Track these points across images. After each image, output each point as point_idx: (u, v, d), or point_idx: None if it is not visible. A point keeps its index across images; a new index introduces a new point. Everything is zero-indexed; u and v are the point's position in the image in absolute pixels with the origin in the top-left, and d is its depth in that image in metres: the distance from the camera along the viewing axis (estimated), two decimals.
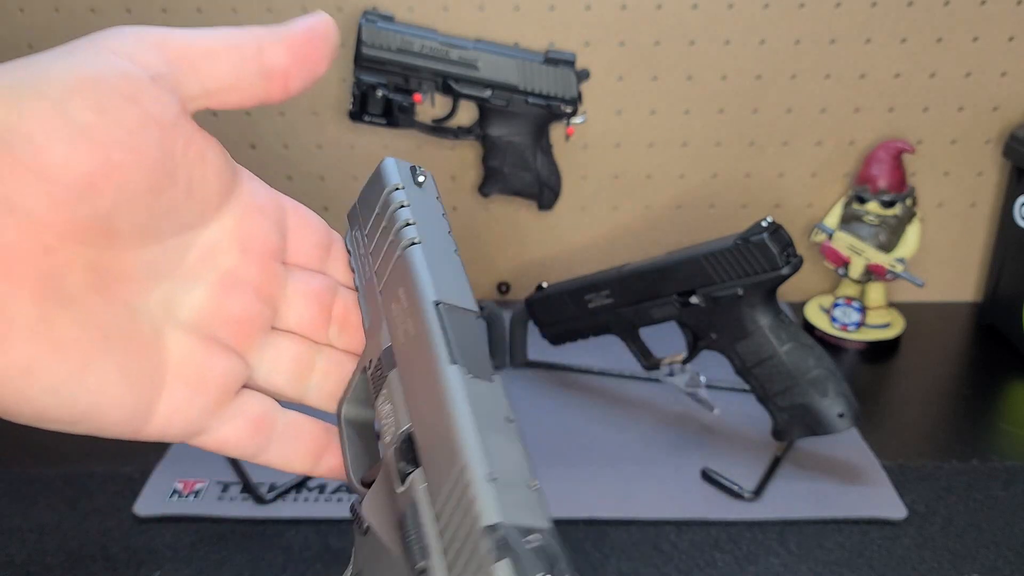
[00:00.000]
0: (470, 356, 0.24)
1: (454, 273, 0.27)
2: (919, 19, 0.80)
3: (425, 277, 0.26)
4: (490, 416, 0.23)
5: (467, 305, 0.26)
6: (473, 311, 0.26)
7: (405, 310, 0.26)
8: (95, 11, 0.80)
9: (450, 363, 0.24)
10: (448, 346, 0.24)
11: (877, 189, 0.82)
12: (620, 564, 0.58)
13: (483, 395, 0.23)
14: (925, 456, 0.68)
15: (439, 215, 0.29)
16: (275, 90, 0.24)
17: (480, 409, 0.23)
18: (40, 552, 0.59)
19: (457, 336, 0.24)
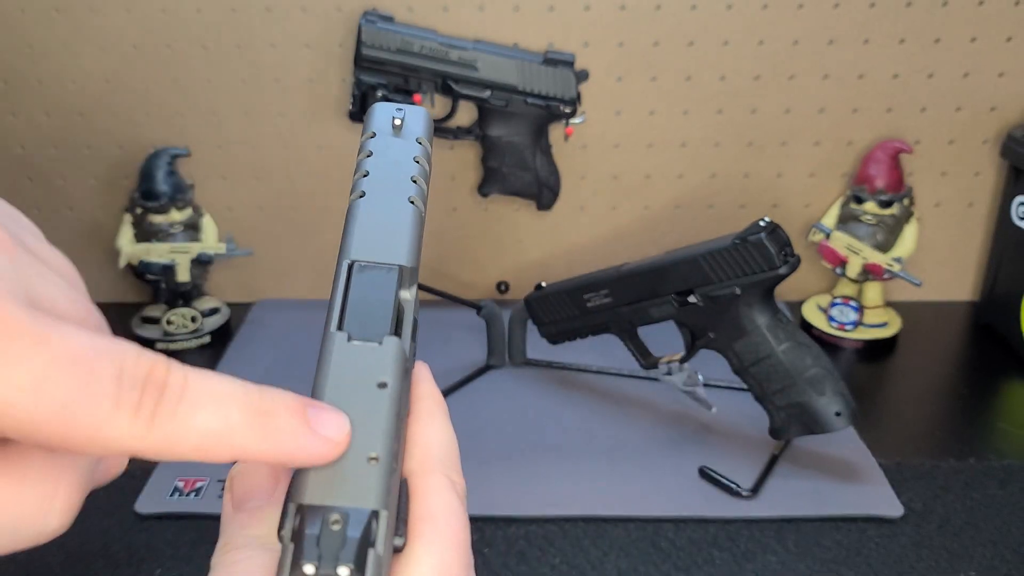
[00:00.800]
0: (360, 318, 0.23)
1: (393, 225, 0.26)
2: (917, 20, 0.80)
3: (351, 235, 0.25)
4: (355, 384, 0.22)
5: (390, 259, 0.25)
6: (394, 264, 0.25)
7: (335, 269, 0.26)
8: (94, 11, 0.81)
9: (336, 328, 0.23)
10: (340, 310, 0.24)
11: (875, 189, 0.82)
12: (618, 562, 0.58)
13: (357, 361, 0.22)
14: (922, 455, 0.68)
15: (408, 160, 0.28)
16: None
17: (345, 377, 0.22)
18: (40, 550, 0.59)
19: (356, 298, 0.24)
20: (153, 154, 0.83)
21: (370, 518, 0.20)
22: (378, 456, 0.21)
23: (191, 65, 0.83)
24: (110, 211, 0.88)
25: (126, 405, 0.18)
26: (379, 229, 0.26)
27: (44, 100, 0.85)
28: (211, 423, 0.19)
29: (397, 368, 0.23)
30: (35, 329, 0.18)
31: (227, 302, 0.91)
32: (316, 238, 0.90)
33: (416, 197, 0.27)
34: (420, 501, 0.23)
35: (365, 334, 0.23)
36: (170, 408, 0.18)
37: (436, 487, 0.23)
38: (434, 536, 0.22)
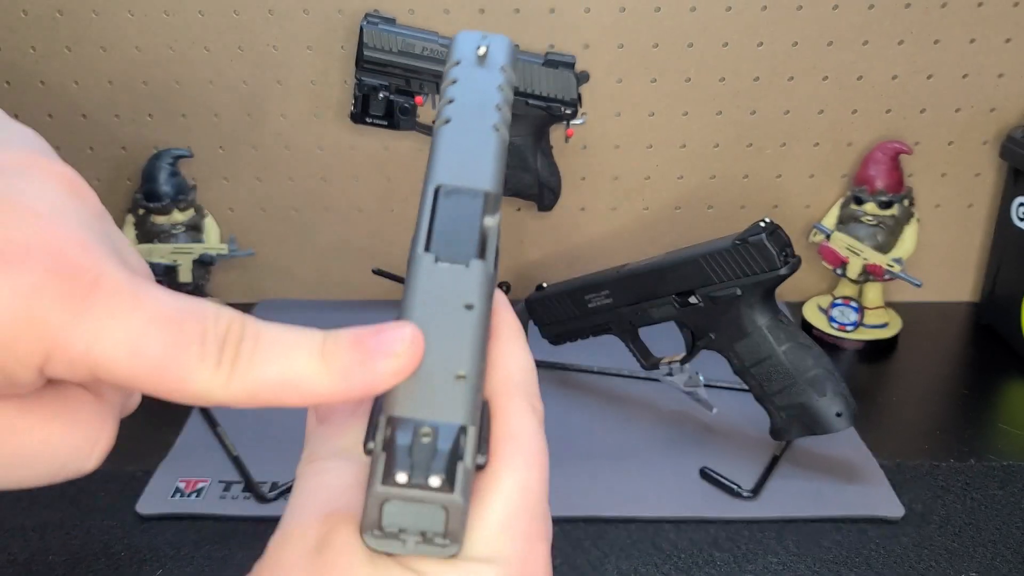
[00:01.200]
0: (448, 241, 0.24)
1: (478, 150, 0.26)
2: (916, 21, 0.80)
3: (437, 159, 0.26)
4: (443, 304, 0.22)
5: (476, 184, 0.25)
6: (480, 190, 0.25)
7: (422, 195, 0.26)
8: (97, 13, 0.81)
9: (423, 250, 0.24)
10: (428, 232, 0.24)
11: (875, 190, 0.82)
12: (619, 562, 0.58)
13: (445, 282, 0.23)
14: (923, 455, 0.69)
15: (492, 88, 0.28)
16: None
17: (432, 297, 0.22)
18: (42, 551, 0.60)
19: (443, 220, 0.24)
20: (155, 155, 0.83)
21: (459, 432, 0.21)
22: (466, 374, 0.21)
23: (193, 67, 0.83)
24: (112, 212, 0.87)
25: (209, 359, 0.20)
26: (464, 154, 0.26)
27: (47, 101, 0.85)
28: (282, 371, 0.20)
29: (483, 291, 0.23)
30: (132, 289, 0.19)
31: (229, 303, 0.90)
32: (319, 239, 0.90)
33: (500, 124, 0.27)
34: (502, 422, 0.23)
35: (452, 256, 0.23)
36: (246, 360, 0.20)
37: (517, 410, 0.24)
38: (516, 456, 0.23)
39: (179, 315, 0.20)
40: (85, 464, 0.22)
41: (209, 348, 0.20)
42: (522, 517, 0.22)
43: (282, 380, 0.20)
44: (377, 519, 0.20)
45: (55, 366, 0.19)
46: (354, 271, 0.90)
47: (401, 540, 0.21)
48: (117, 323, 0.19)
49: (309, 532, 0.22)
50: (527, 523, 0.22)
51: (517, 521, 0.22)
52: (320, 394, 0.20)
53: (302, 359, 0.20)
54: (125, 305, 0.19)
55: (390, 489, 0.20)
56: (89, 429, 0.22)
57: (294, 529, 0.22)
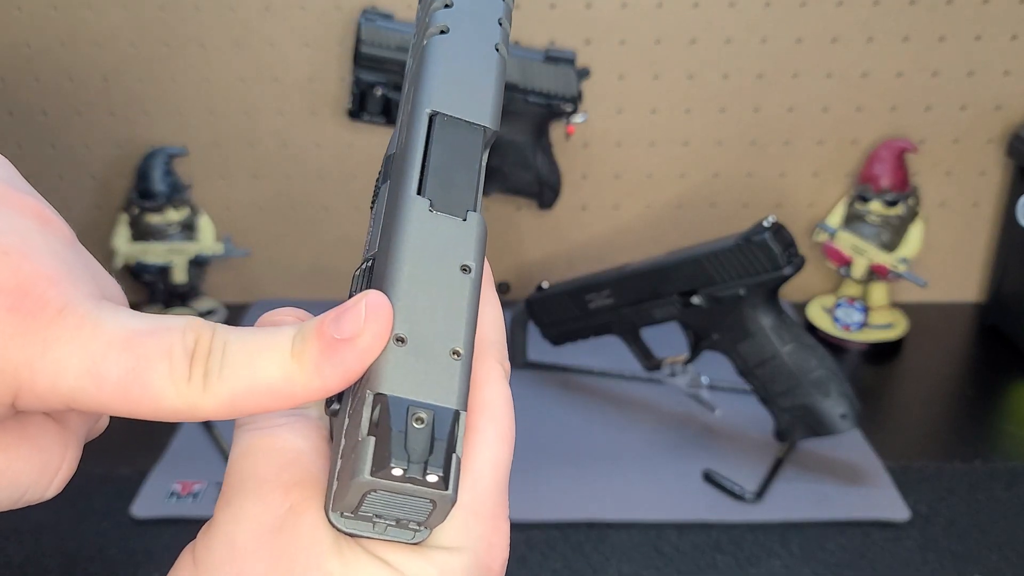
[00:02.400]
0: (445, 185, 0.21)
1: (479, 74, 0.22)
2: (921, 18, 0.80)
3: (431, 77, 0.22)
4: (438, 264, 0.20)
5: (475, 118, 0.22)
6: (480, 125, 0.22)
7: (409, 114, 0.22)
8: (91, 9, 0.80)
9: (415, 193, 0.21)
10: (421, 172, 0.21)
11: (880, 188, 0.82)
12: (621, 566, 0.57)
13: (440, 237, 0.20)
14: (928, 457, 0.68)
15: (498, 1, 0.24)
16: None
17: (426, 255, 0.20)
18: (38, 553, 0.59)
19: (439, 159, 0.21)
20: (150, 153, 0.82)
21: (455, 419, 0.19)
22: (461, 351, 0.19)
23: (189, 63, 0.82)
24: (106, 211, 0.87)
25: (179, 376, 0.19)
26: (464, 77, 0.22)
27: (41, 98, 0.84)
28: (253, 378, 0.19)
29: (480, 251, 0.20)
30: (95, 315, 0.19)
31: (224, 303, 0.90)
32: (315, 238, 0.90)
33: (502, 44, 0.24)
34: (476, 391, 0.22)
35: (449, 206, 0.20)
36: (216, 372, 0.19)
37: (492, 376, 0.22)
38: (488, 428, 0.22)
39: (140, 335, 0.19)
40: (45, 492, 0.21)
41: (177, 365, 0.19)
42: (491, 496, 0.21)
43: (255, 387, 0.19)
44: (355, 505, 0.19)
45: (25, 401, 0.19)
46: (350, 271, 0.89)
47: (372, 523, 0.19)
48: (77, 352, 0.19)
49: (268, 507, 0.21)
50: (495, 502, 0.21)
51: (486, 501, 0.21)
52: (299, 395, 0.19)
53: (273, 362, 0.19)
54: (85, 333, 0.19)
55: (380, 480, 0.18)
56: (51, 457, 0.21)
57: (247, 502, 0.21)
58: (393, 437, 0.18)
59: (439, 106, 0.22)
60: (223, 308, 0.89)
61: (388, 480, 0.18)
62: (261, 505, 0.21)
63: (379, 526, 0.19)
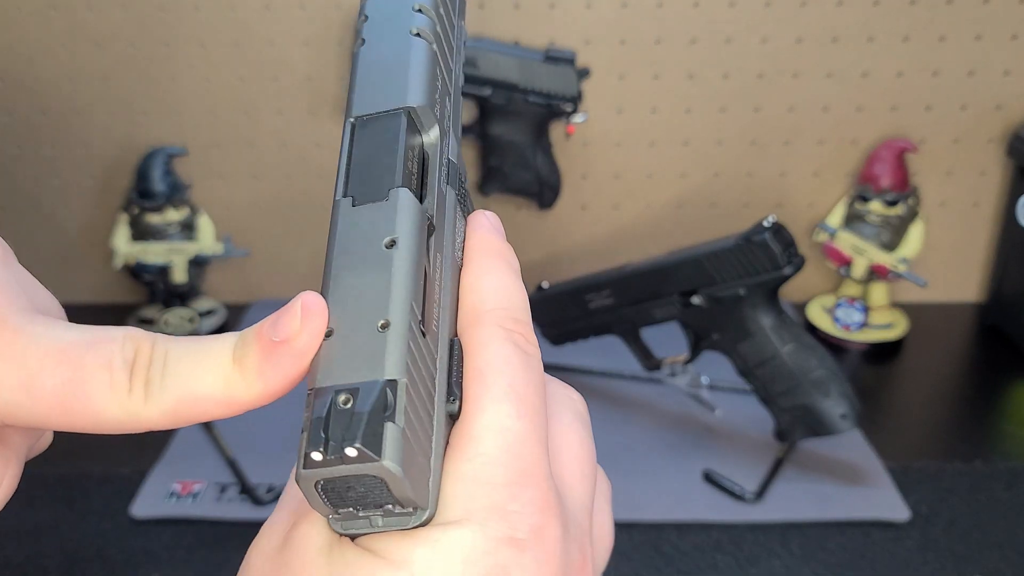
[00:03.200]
0: (364, 179, 0.21)
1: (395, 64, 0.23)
2: (922, 17, 0.79)
3: (352, 90, 0.23)
4: (362, 248, 0.20)
5: (395, 103, 0.22)
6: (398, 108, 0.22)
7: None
8: (91, 9, 0.80)
9: (342, 195, 0.21)
10: (346, 175, 0.22)
11: (880, 188, 0.82)
12: (621, 567, 0.57)
13: (362, 225, 0.20)
14: (928, 457, 0.68)
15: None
16: None
17: (349, 246, 0.20)
18: (37, 553, 0.59)
19: (359, 158, 0.22)
20: (150, 153, 0.82)
21: (383, 389, 0.18)
22: (390, 321, 0.19)
23: (188, 63, 0.82)
24: (106, 211, 0.87)
25: (119, 387, 0.19)
26: (382, 74, 0.23)
27: (40, 99, 0.84)
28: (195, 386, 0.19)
29: (408, 221, 0.20)
30: (28, 329, 0.19)
31: (224, 303, 0.90)
32: (315, 238, 0.89)
33: (423, 28, 0.24)
34: (471, 359, 0.21)
35: (369, 195, 0.21)
36: (158, 381, 0.19)
37: (485, 339, 0.21)
38: (484, 393, 0.20)
39: (78, 347, 0.19)
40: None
41: (117, 375, 0.19)
42: (500, 462, 0.19)
43: (197, 395, 0.19)
44: (323, 504, 0.19)
45: None
46: None
47: (364, 518, 0.19)
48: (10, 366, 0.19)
49: (276, 529, 0.21)
50: (508, 468, 0.19)
51: (493, 468, 0.19)
52: (242, 401, 0.19)
53: (214, 369, 0.19)
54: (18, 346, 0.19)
55: (312, 471, 0.18)
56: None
57: (265, 528, 0.21)
58: (313, 424, 0.18)
59: (359, 111, 0.23)
60: (223, 308, 0.89)
61: (314, 468, 0.18)
62: (272, 528, 0.21)
63: (373, 519, 0.19)
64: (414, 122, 0.22)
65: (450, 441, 0.20)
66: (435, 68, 0.24)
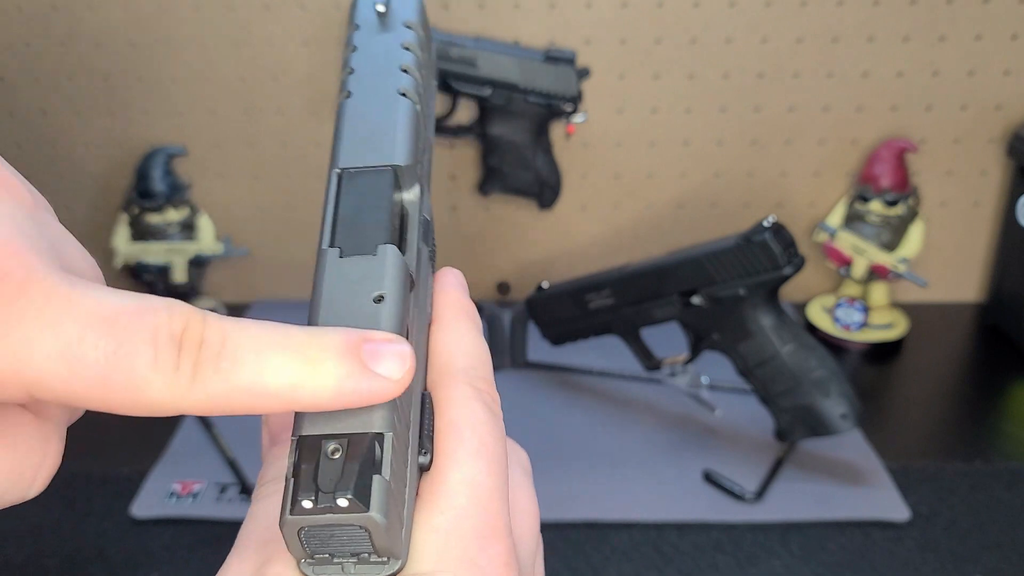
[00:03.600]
0: (352, 231, 0.22)
1: (383, 122, 0.24)
2: (922, 17, 0.79)
3: (338, 141, 0.24)
4: (350, 301, 0.20)
5: (382, 160, 0.23)
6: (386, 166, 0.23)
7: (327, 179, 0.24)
8: (91, 8, 0.80)
9: (327, 245, 0.22)
10: (332, 225, 0.22)
11: (880, 188, 0.82)
12: (621, 567, 0.57)
13: (350, 278, 0.21)
14: (928, 457, 0.68)
15: (396, 49, 0.26)
16: None
17: (337, 297, 0.21)
18: (37, 554, 0.59)
19: (346, 210, 0.22)
20: (150, 153, 0.82)
21: (372, 442, 0.18)
22: None
23: (188, 63, 0.82)
24: (106, 210, 0.87)
25: (164, 365, 0.17)
26: (368, 130, 0.24)
27: (40, 98, 0.84)
28: (256, 377, 0.17)
29: (395, 278, 0.21)
30: (65, 291, 0.17)
31: (224, 303, 0.90)
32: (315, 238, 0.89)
33: (408, 88, 0.25)
34: (443, 414, 0.22)
35: (357, 247, 0.22)
36: (211, 365, 0.17)
37: (459, 397, 0.22)
38: (459, 448, 0.21)
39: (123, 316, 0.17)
40: (28, 491, 0.19)
41: (163, 351, 0.17)
42: (472, 516, 0.20)
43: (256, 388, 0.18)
44: (301, 549, 0.19)
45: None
46: None
47: (337, 564, 0.19)
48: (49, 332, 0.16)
49: (246, 564, 0.20)
50: (478, 522, 0.20)
51: (465, 521, 0.20)
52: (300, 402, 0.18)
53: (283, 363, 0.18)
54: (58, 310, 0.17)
55: (299, 518, 0.18)
56: (31, 454, 0.19)
57: (233, 559, 0.21)
58: (302, 472, 0.18)
59: (345, 163, 0.23)
60: (223, 308, 0.89)
61: (303, 515, 0.18)
62: (240, 563, 0.21)
63: (346, 566, 0.19)
64: (397, 179, 0.23)
65: (420, 493, 0.21)
66: (419, 128, 0.25)
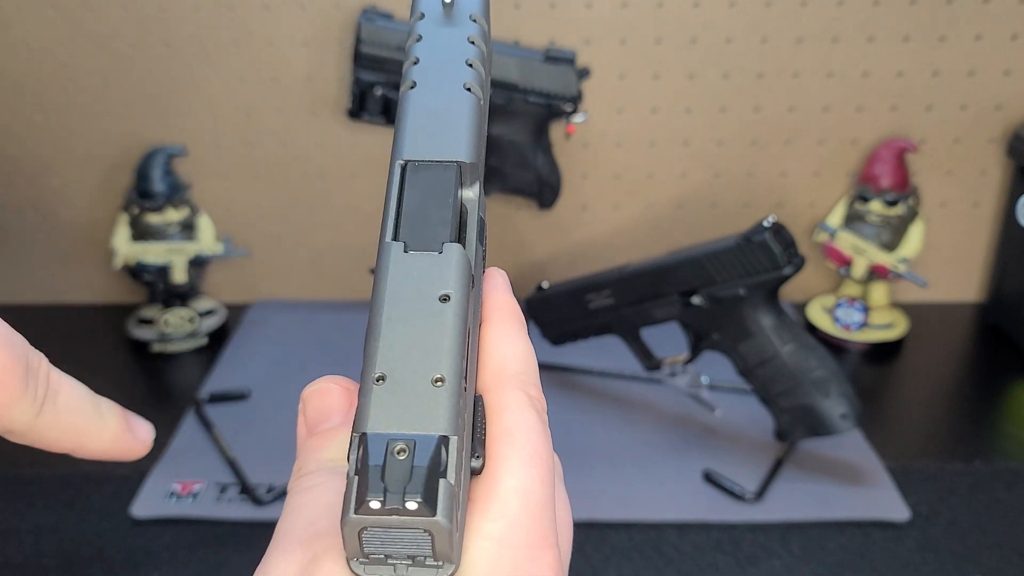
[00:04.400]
0: (418, 225, 0.22)
1: (449, 115, 0.24)
2: (922, 17, 0.79)
3: (403, 131, 0.23)
4: (415, 298, 0.20)
5: (447, 155, 0.23)
6: (452, 161, 0.23)
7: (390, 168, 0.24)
8: (91, 9, 0.80)
9: (391, 238, 0.22)
10: (396, 218, 0.22)
11: (880, 188, 0.82)
12: (621, 567, 0.57)
13: (416, 274, 0.21)
14: (928, 457, 0.68)
15: (462, 42, 0.25)
16: None
17: (403, 293, 0.20)
18: (37, 554, 0.59)
19: (411, 203, 0.22)
20: (150, 153, 0.82)
21: (439, 445, 0.18)
22: (444, 377, 0.19)
23: (188, 63, 0.82)
24: (106, 211, 0.87)
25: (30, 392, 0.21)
26: (434, 122, 0.23)
27: (40, 99, 0.84)
28: (71, 419, 0.23)
29: (460, 278, 0.21)
30: None
31: (224, 303, 0.90)
32: (315, 238, 0.89)
33: (473, 83, 0.24)
34: (497, 419, 0.22)
35: (423, 243, 0.21)
36: (52, 401, 0.22)
37: (514, 404, 0.22)
38: (513, 455, 0.21)
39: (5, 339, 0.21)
40: None
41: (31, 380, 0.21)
42: (524, 525, 0.20)
43: (68, 426, 0.22)
44: (358, 547, 0.19)
45: None
46: (350, 271, 0.89)
47: (390, 565, 0.19)
48: None
49: (290, 560, 0.20)
50: (530, 531, 0.20)
51: (518, 530, 0.20)
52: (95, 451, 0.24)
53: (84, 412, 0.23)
54: None
55: (364, 517, 0.18)
56: None
57: (275, 555, 0.21)
58: (371, 472, 0.18)
59: (410, 155, 0.23)
60: (223, 308, 0.89)
61: (369, 515, 0.18)
62: (284, 559, 0.21)
63: (399, 568, 0.19)
64: (461, 176, 0.23)
65: (472, 497, 0.21)
66: (482, 125, 0.25)
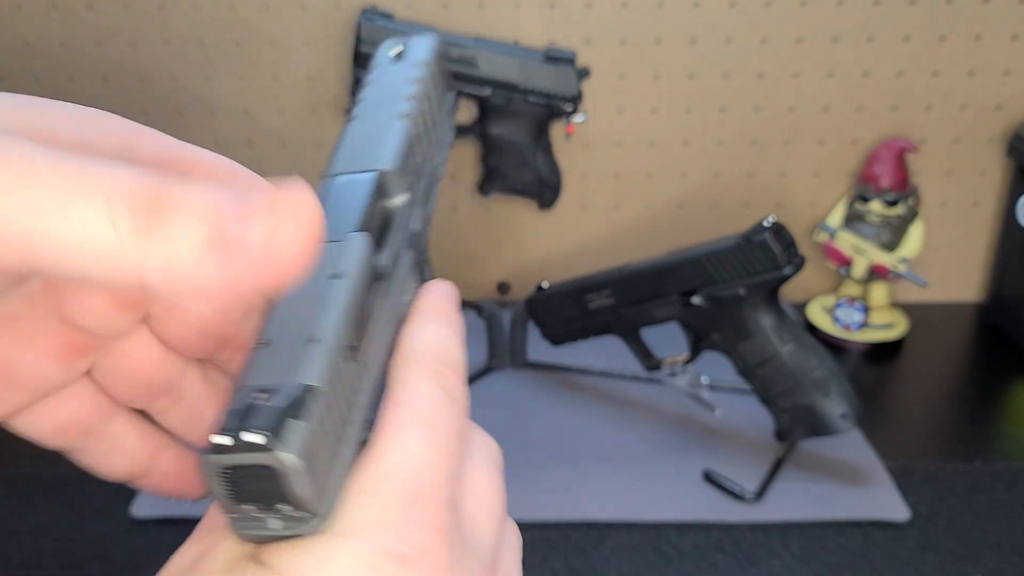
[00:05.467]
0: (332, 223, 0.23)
1: (378, 136, 0.26)
2: (922, 17, 0.79)
3: (334, 154, 0.25)
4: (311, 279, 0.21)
5: (367, 165, 0.24)
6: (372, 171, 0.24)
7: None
8: (91, 8, 0.80)
9: None
10: None
11: (880, 188, 0.82)
12: (621, 566, 0.57)
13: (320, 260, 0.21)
14: (928, 457, 0.68)
15: (405, 80, 0.27)
16: None
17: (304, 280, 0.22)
18: (37, 554, 0.59)
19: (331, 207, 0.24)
20: None
21: (302, 392, 0.19)
22: (318, 337, 0.20)
23: (189, 62, 0.82)
24: None
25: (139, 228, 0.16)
26: (363, 144, 0.25)
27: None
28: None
29: (356, 260, 0.22)
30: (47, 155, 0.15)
31: None
32: None
33: (408, 112, 0.26)
34: (392, 393, 0.22)
35: (330, 236, 0.22)
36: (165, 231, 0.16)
37: (411, 377, 0.22)
38: (403, 427, 0.20)
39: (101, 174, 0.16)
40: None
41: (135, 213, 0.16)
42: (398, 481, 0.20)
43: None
44: (224, 495, 0.19)
45: None
46: None
47: (259, 520, 0.19)
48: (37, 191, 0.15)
49: (185, 554, 0.20)
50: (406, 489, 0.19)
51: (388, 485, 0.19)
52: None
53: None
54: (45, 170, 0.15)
55: (214, 456, 0.18)
56: None
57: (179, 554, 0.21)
58: (228, 415, 0.18)
59: (336, 169, 0.25)
60: None
61: (220, 455, 0.18)
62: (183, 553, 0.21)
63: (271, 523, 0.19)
64: (381, 184, 0.24)
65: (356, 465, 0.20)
66: (412, 145, 0.26)
